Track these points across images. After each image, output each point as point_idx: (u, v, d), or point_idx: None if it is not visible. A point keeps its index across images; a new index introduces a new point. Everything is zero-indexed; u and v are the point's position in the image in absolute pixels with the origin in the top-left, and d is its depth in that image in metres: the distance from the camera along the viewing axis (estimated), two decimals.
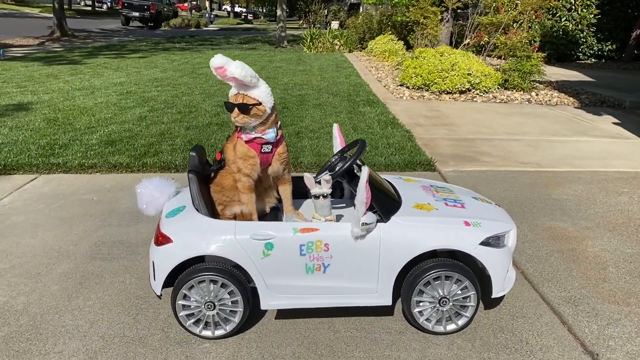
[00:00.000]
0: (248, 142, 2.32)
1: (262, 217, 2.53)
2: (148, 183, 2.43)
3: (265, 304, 2.24)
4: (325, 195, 2.30)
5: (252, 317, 2.38)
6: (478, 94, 8.40)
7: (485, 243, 2.26)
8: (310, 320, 2.41)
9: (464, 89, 8.39)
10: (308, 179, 2.32)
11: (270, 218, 2.55)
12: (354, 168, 2.44)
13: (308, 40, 16.75)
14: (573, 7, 13.86)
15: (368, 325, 2.39)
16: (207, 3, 58.60)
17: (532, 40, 11.34)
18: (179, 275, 2.19)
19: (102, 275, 2.77)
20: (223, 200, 2.43)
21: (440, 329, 2.31)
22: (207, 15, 40.74)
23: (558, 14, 13.96)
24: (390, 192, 2.48)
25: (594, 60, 14.64)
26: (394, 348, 2.23)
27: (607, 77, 11.23)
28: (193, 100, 7.28)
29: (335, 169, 2.41)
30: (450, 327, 2.31)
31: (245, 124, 2.27)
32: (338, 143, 2.70)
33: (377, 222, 2.18)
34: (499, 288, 2.33)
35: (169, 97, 7.50)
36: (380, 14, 16.70)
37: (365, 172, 2.08)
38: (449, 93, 8.39)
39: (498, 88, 8.70)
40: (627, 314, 2.54)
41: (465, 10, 14.04)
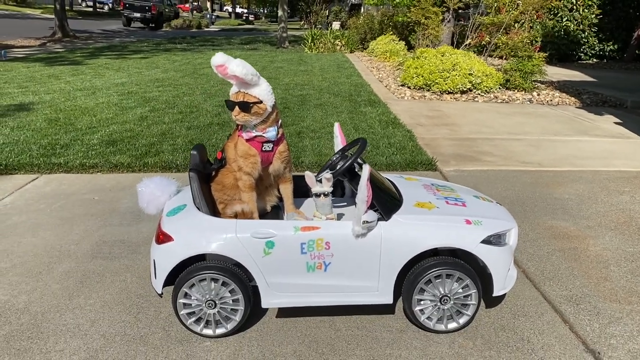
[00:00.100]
0: (249, 140, 2.32)
1: (263, 215, 2.53)
2: (149, 182, 2.43)
3: (266, 303, 2.24)
4: (327, 194, 2.30)
5: (253, 315, 2.38)
6: (479, 94, 8.39)
7: (487, 241, 2.26)
8: (311, 319, 2.41)
9: (465, 89, 8.38)
10: (309, 178, 2.32)
11: (271, 217, 2.55)
12: (355, 167, 2.44)
13: (309, 41, 16.75)
14: (574, 7, 13.85)
15: (369, 324, 2.38)
16: (208, 4, 58.74)
17: (533, 40, 11.33)
18: (180, 274, 2.19)
19: (103, 274, 2.77)
20: (224, 199, 2.43)
21: (442, 328, 2.30)
22: (208, 16, 40.80)
23: (559, 14, 13.95)
24: (391, 190, 2.48)
25: (596, 61, 14.63)
26: (395, 346, 2.23)
27: (608, 77, 11.22)
28: (194, 101, 7.29)
29: (336, 168, 2.41)
30: (452, 325, 2.31)
31: (246, 122, 2.27)
32: (339, 142, 2.70)
33: (378, 220, 2.18)
34: (500, 286, 2.33)
35: (170, 97, 7.50)
36: (382, 15, 16.69)
37: (366, 170, 2.07)
38: (450, 93, 8.38)
39: (499, 88, 8.69)
40: (628, 313, 2.53)
41: (467, 11, 14.03)
